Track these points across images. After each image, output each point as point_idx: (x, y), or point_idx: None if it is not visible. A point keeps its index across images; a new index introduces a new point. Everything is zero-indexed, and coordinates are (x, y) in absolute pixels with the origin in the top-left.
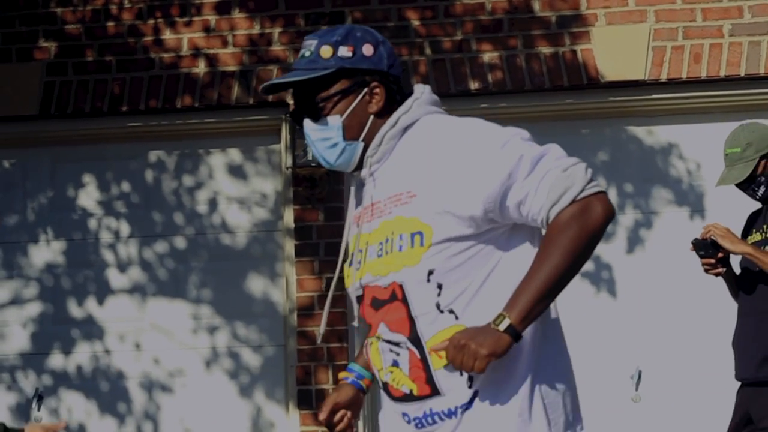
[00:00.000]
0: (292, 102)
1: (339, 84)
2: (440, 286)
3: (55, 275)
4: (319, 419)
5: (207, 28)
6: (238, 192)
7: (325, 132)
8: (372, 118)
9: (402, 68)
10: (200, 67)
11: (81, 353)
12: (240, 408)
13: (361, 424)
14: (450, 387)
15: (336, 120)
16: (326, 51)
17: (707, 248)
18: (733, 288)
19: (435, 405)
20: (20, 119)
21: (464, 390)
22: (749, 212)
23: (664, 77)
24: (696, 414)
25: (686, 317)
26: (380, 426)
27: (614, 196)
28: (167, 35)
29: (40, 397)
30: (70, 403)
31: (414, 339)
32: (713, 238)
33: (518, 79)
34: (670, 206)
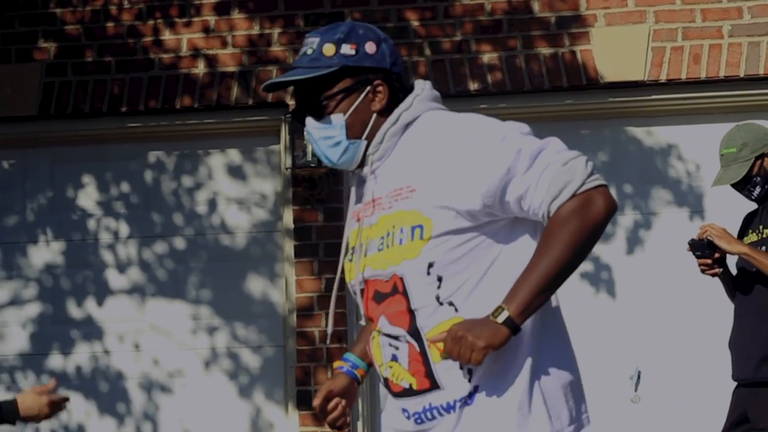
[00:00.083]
0: (294, 100)
1: (342, 82)
2: (440, 279)
3: (55, 276)
4: (313, 405)
5: (206, 29)
6: (238, 192)
7: (328, 130)
8: (375, 116)
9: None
10: (200, 68)
11: (80, 354)
12: (239, 408)
13: (361, 425)
14: (449, 381)
15: (339, 118)
16: (329, 49)
17: (704, 248)
18: (730, 288)
19: (434, 399)
20: (20, 120)
21: (463, 384)
22: (748, 213)
23: (664, 78)
24: (695, 414)
25: (686, 318)
26: (382, 423)
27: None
28: (167, 36)
29: None
30: (70, 404)
31: (413, 332)
32: (710, 239)
33: (518, 80)
34: (670, 207)
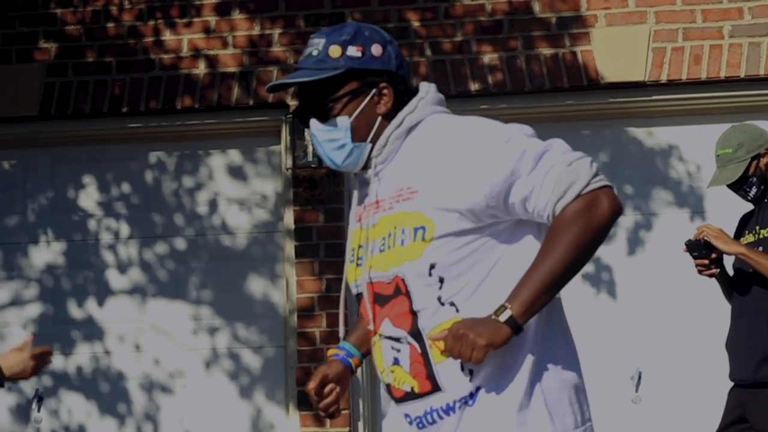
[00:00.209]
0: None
1: (348, 85)
2: (442, 280)
3: (56, 276)
4: (308, 388)
5: (207, 29)
6: (238, 193)
7: (333, 133)
8: (380, 119)
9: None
10: (200, 68)
11: (81, 354)
12: (240, 409)
13: (362, 425)
14: (450, 382)
15: (344, 121)
16: (335, 50)
17: (700, 249)
18: (727, 289)
19: (435, 402)
20: (20, 120)
21: (464, 384)
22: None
23: (664, 78)
24: (696, 415)
25: (686, 318)
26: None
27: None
28: (167, 36)
29: (40, 398)
30: (71, 404)
31: (414, 333)
32: (706, 239)
33: (518, 81)
34: (670, 207)
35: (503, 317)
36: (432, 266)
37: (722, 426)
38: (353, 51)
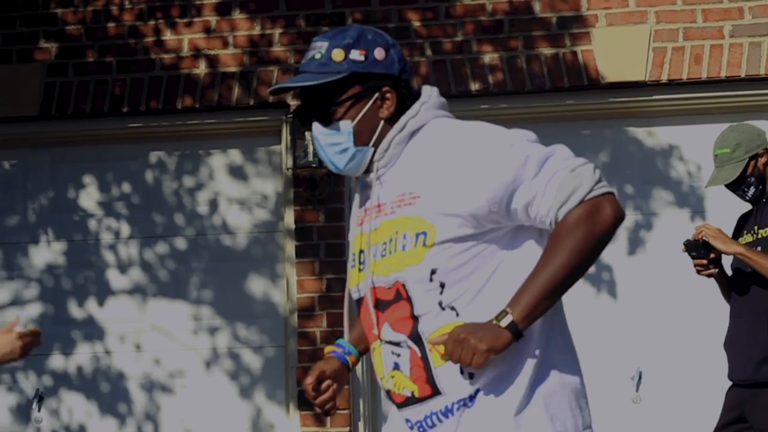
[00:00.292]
0: (300, 104)
1: (351, 89)
2: (443, 285)
3: (56, 276)
4: (305, 383)
5: (207, 29)
6: (239, 193)
7: (336, 137)
8: (382, 123)
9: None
10: (201, 68)
11: (81, 354)
12: (240, 409)
13: (362, 425)
14: (450, 386)
15: (347, 125)
16: (338, 54)
17: (699, 249)
18: (726, 289)
19: (435, 405)
20: (21, 120)
21: (463, 387)
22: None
23: (665, 78)
24: (696, 415)
25: (687, 318)
26: None
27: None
28: (168, 36)
29: (41, 398)
30: (71, 404)
31: (414, 336)
32: (705, 239)
33: (519, 80)
34: (671, 207)
35: (504, 322)
36: (433, 271)
37: (720, 425)
38: (356, 55)
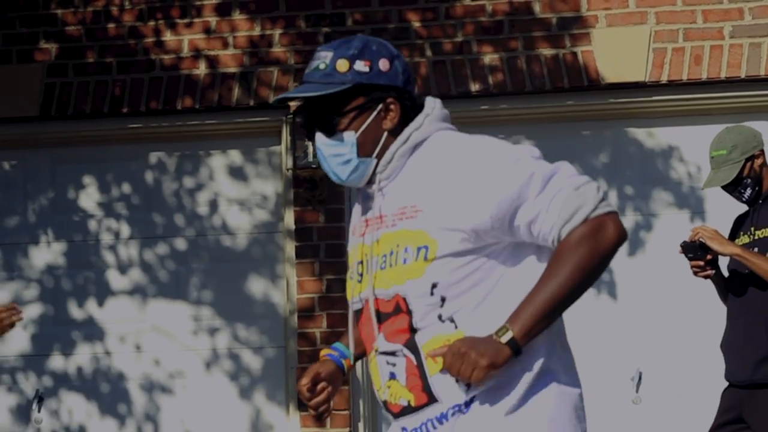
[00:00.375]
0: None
1: (355, 100)
2: (443, 299)
3: (56, 276)
4: (300, 384)
5: (207, 30)
6: (239, 193)
7: (339, 148)
8: (386, 135)
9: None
10: (201, 69)
11: (81, 354)
12: (240, 409)
13: (362, 425)
14: (446, 393)
15: (350, 136)
16: (342, 65)
17: (696, 250)
18: (722, 290)
19: (431, 413)
20: (21, 120)
21: (460, 395)
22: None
23: (665, 79)
24: (696, 415)
25: (686, 319)
26: None
27: (614, 198)
28: (168, 37)
29: (41, 399)
30: (71, 405)
31: (411, 345)
32: (702, 240)
33: (519, 81)
34: (671, 208)
35: (505, 338)
36: (434, 285)
37: (715, 426)
38: (361, 66)
